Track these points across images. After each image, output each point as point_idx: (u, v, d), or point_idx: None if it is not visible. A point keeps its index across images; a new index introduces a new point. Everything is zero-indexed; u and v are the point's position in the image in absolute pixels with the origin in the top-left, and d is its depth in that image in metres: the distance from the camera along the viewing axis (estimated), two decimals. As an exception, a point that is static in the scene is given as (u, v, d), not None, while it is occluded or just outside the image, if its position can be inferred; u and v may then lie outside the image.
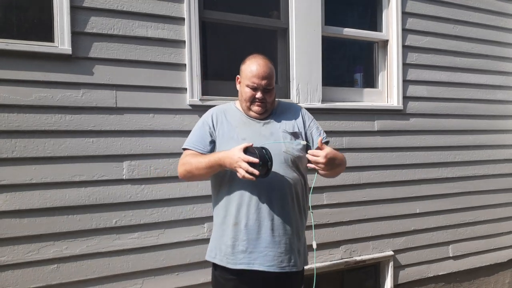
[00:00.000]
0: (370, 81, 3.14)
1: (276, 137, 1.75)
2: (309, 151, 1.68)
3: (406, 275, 3.11)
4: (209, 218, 2.41)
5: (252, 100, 1.77)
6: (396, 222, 3.05)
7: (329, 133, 2.74)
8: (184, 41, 2.36)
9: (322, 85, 2.77)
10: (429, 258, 3.19)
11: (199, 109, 2.39)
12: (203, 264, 2.39)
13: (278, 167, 1.70)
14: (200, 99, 2.39)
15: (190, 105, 2.38)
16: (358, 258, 2.89)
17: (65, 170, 2.10)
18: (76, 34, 2.11)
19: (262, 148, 1.60)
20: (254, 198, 1.70)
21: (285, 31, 2.72)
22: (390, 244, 3.04)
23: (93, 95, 2.15)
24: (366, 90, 3.07)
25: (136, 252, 2.24)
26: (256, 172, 1.54)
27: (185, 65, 2.36)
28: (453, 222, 3.29)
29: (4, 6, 2.06)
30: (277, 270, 1.70)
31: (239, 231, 1.71)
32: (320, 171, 1.68)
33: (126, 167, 2.23)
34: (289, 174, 1.74)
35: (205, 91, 2.44)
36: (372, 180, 2.95)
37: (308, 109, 2.68)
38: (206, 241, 2.39)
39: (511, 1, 3.54)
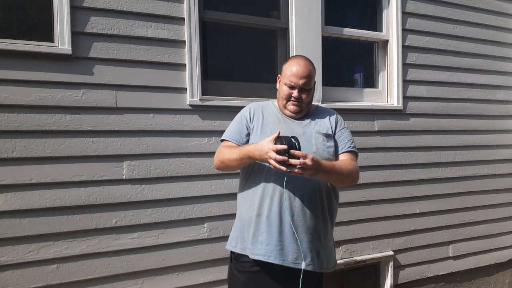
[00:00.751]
0: (370, 81, 3.14)
1: (308, 137, 1.77)
2: (295, 152, 1.58)
3: (406, 275, 3.11)
4: (209, 218, 2.42)
5: (289, 98, 1.81)
6: (396, 222, 3.05)
7: (329, 133, 2.76)
8: (184, 41, 2.36)
9: (322, 85, 2.77)
10: (429, 258, 3.19)
11: (199, 109, 2.39)
12: (203, 264, 2.40)
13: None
14: (200, 99, 2.39)
15: (190, 105, 2.38)
16: (358, 258, 2.89)
17: (65, 170, 2.10)
18: (76, 34, 2.11)
19: (292, 136, 1.61)
20: (278, 192, 1.73)
21: (285, 31, 2.72)
22: (390, 244, 3.03)
23: (93, 95, 2.15)
24: (366, 90, 3.07)
25: (136, 252, 2.24)
26: (285, 158, 1.52)
27: (185, 65, 2.36)
28: (453, 222, 3.29)
29: (4, 6, 2.05)
30: (290, 266, 1.72)
31: (260, 222, 1.74)
32: (297, 171, 1.58)
33: (126, 167, 2.22)
34: None
35: (205, 91, 2.44)
36: (372, 180, 2.95)
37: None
38: (206, 241, 2.41)
39: (511, 1, 3.54)
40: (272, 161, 1.55)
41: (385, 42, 3.09)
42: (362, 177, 2.91)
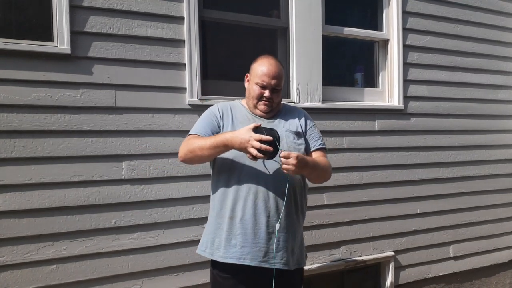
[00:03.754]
0: (371, 81, 3.13)
1: (280, 136, 1.75)
2: (282, 153, 1.62)
3: (407, 275, 3.10)
4: (209, 218, 2.41)
5: (260, 98, 1.80)
6: (397, 223, 3.04)
7: (329, 133, 2.75)
8: (184, 41, 2.35)
9: (323, 85, 2.76)
10: (430, 259, 3.18)
11: (198, 109, 2.38)
12: (203, 264, 2.39)
13: (278, 164, 1.70)
14: (199, 99, 2.38)
15: (190, 105, 2.37)
16: (358, 259, 2.88)
17: (64, 170, 2.09)
18: (75, 34, 2.11)
19: (271, 128, 1.62)
20: (252, 193, 1.72)
21: (285, 31, 2.71)
22: (391, 244, 3.02)
23: (92, 94, 2.15)
24: (367, 89, 3.06)
25: (136, 252, 2.24)
26: (270, 148, 1.54)
27: (184, 64, 2.36)
28: (454, 223, 3.28)
29: (3, 5, 2.05)
30: (266, 266, 1.71)
31: (234, 225, 1.72)
32: (289, 172, 1.63)
33: (126, 167, 2.22)
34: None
35: (204, 91, 2.43)
36: (373, 180, 2.94)
37: (309, 109, 2.68)
38: (205, 241, 2.40)
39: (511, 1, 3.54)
40: (253, 150, 1.54)
41: (386, 42, 3.07)
42: (363, 177, 2.91)
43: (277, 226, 1.70)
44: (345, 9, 3.09)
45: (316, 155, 1.85)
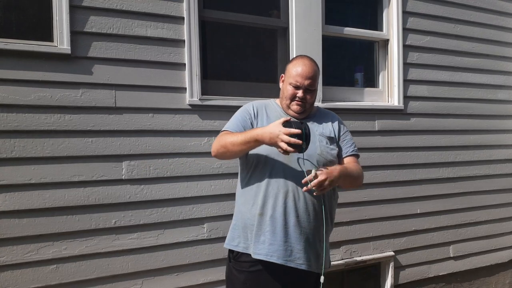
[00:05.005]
0: (371, 81, 3.13)
1: (312, 139, 1.75)
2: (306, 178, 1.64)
3: (407, 275, 3.10)
4: (209, 219, 2.42)
5: (293, 98, 1.80)
6: (397, 223, 3.04)
7: (329, 133, 2.75)
8: (184, 41, 2.35)
9: (323, 85, 2.76)
10: (429, 259, 3.18)
11: (198, 109, 2.38)
12: (203, 264, 2.39)
13: (310, 168, 1.71)
14: (199, 99, 2.38)
15: (190, 105, 2.37)
16: (358, 259, 2.88)
17: (64, 170, 2.09)
18: (75, 34, 2.11)
19: (301, 122, 1.62)
20: (282, 192, 1.73)
21: (285, 31, 2.71)
22: (391, 244, 3.03)
23: (92, 94, 2.15)
24: (367, 89, 3.06)
25: (136, 252, 2.24)
26: (299, 141, 1.54)
27: (184, 64, 2.36)
28: (454, 222, 3.28)
29: (3, 5, 2.05)
30: (292, 266, 1.72)
31: (263, 222, 1.74)
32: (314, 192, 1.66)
33: (126, 167, 2.22)
34: None
35: (204, 91, 2.43)
36: (373, 180, 2.94)
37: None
38: (206, 241, 2.40)
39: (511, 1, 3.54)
40: (283, 144, 1.55)
41: (386, 42, 3.07)
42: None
43: (322, 278, 1.72)
44: (345, 9, 3.09)
45: (348, 161, 1.87)
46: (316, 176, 1.61)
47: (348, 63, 3.20)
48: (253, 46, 2.75)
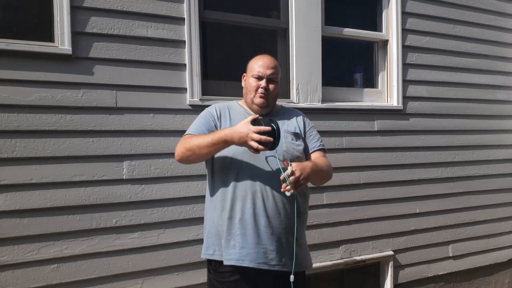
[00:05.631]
0: (370, 81, 3.14)
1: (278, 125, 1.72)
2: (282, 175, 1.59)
3: (406, 275, 3.11)
4: (209, 218, 2.42)
5: (256, 89, 1.78)
6: (396, 222, 3.05)
7: (329, 133, 2.76)
8: (184, 41, 2.36)
9: (322, 85, 2.77)
10: (429, 258, 3.19)
11: (199, 109, 2.37)
12: (203, 264, 2.38)
13: (276, 165, 1.69)
14: (200, 99, 2.39)
15: (190, 105, 2.38)
16: (358, 258, 2.89)
17: (65, 170, 2.10)
18: (76, 34, 2.11)
19: (269, 119, 1.60)
20: (250, 193, 1.69)
21: (285, 31, 2.72)
22: (390, 244, 3.04)
23: (93, 95, 2.15)
24: (366, 90, 3.08)
25: (136, 252, 2.24)
26: (270, 139, 1.51)
27: (185, 65, 2.36)
28: (453, 222, 3.29)
29: (4, 6, 2.06)
30: (265, 268, 1.68)
31: (233, 226, 1.69)
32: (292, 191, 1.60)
33: (126, 167, 2.23)
34: None
35: (205, 91, 2.44)
36: (372, 180, 2.95)
37: (308, 109, 2.70)
38: (206, 241, 2.41)
39: (511, 1, 3.55)
40: (254, 143, 1.51)
41: (385, 42, 3.09)
42: (362, 177, 2.92)
43: (292, 277, 1.66)
44: (344, 10, 3.10)
45: (316, 156, 1.85)
46: (293, 173, 1.57)
47: (348, 63, 3.21)
48: (253, 46, 2.76)
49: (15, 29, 2.06)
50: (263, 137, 1.51)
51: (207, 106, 2.39)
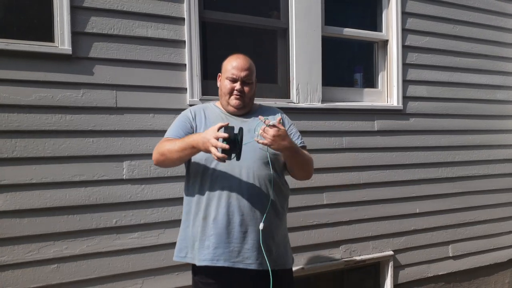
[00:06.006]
0: (370, 81, 3.14)
1: (253, 134, 1.70)
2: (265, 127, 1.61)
3: (406, 275, 3.11)
4: (209, 218, 2.42)
5: (231, 92, 1.78)
6: (396, 222, 3.05)
7: (329, 133, 2.77)
8: (184, 41, 2.36)
9: (322, 85, 2.77)
10: (429, 258, 3.19)
11: (199, 109, 2.39)
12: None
13: (253, 163, 1.70)
14: (200, 99, 2.39)
15: (190, 105, 2.36)
16: (358, 258, 2.89)
17: (65, 170, 2.10)
18: (76, 34, 2.11)
19: (232, 127, 1.56)
20: (225, 192, 1.69)
21: (285, 31, 2.72)
22: (390, 244, 3.04)
23: (93, 95, 2.15)
24: (366, 90, 3.08)
25: (136, 252, 2.24)
26: (226, 146, 1.48)
27: (185, 65, 2.37)
28: (453, 222, 3.29)
29: (4, 6, 2.06)
30: (240, 266, 1.68)
31: (207, 226, 1.70)
32: (265, 142, 1.61)
33: (126, 167, 2.23)
34: (264, 171, 1.73)
35: (205, 91, 2.44)
36: (372, 180, 2.95)
37: (308, 109, 2.71)
38: (206, 241, 2.40)
39: (511, 1, 3.55)
40: (213, 149, 1.50)
41: (385, 42, 3.09)
42: (362, 177, 2.92)
43: (261, 225, 1.67)
44: (344, 10, 3.10)
45: None
46: (275, 126, 1.59)
47: (348, 63, 3.21)
48: (253, 46, 2.76)
49: (15, 29, 2.06)
50: (219, 144, 1.49)
51: (207, 106, 2.40)
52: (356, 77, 3.11)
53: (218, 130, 1.53)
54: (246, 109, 1.84)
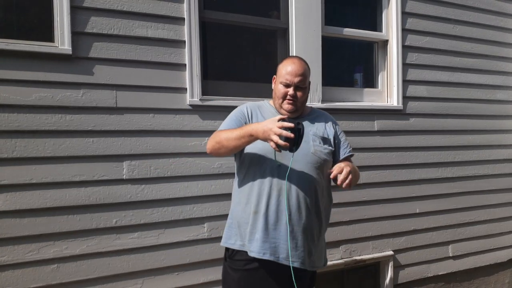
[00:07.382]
0: (370, 81, 3.14)
1: (306, 138, 1.76)
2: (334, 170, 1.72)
3: (406, 275, 3.11)
4: (209, 218, 2.42)
5: (284, 97, 1.83)
6: (396, 222, 3.05)
7: (329, 133, 2.76)
8: (184, 41, 2.36)
9: (322, 85, 2.77)
10: (429, 258, 3.19)
11: (199, 109, 2.39)
12: (203, 264, 2.40)
13: (304, 166, 1.77)
14: (200, 99, 2.39)
15: (190, 105, 2.38)
16: (358, 258, 2.90)
17: (65, 170, 2.10)
18: (76, 34, 2.12)
19: (297, 122, 1.64)
20: (275, 190, 1.76)
21: (285, 31, 2.72)
22: (390, 244, 3.04)
23: (93, 95, 2.15)
24: (366, 90, 3.08)
25: (136, 252, 2.25)
26: (291, 135, 1.55)
27: (185, 65, 2.37)
28: (453, 222, 3.29)
29: (4, 6, 2.05)
30: (283, 263, 1.74)
31: (257, 220, 1.76)
32: (346, 184, 1.72)
33: (126, 167, 2.23)
34: (313, 175, 1.80)
35: (205, 91, 2.44)
36: (372, 180, 2.95)
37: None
38: (206, 241, 2.41)
39: (510, 1, 3.55)
40: (275, 137, 1.56)
41: (385, 42, 3.09)
42: (362, 177, 2.91)
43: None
44: (344, 10, 3.10)
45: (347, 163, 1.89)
46: (341, 170, 1.68)
47: (348, 63, 3.21)
48: (253, 46, 2.76)
49: (15, 29, 2.06)
50: (284, 132, 1.55)
51: (207, 106, 2.41)
52: (356, 77, 3.11)
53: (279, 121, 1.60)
54: (298, 113, 1.89)
